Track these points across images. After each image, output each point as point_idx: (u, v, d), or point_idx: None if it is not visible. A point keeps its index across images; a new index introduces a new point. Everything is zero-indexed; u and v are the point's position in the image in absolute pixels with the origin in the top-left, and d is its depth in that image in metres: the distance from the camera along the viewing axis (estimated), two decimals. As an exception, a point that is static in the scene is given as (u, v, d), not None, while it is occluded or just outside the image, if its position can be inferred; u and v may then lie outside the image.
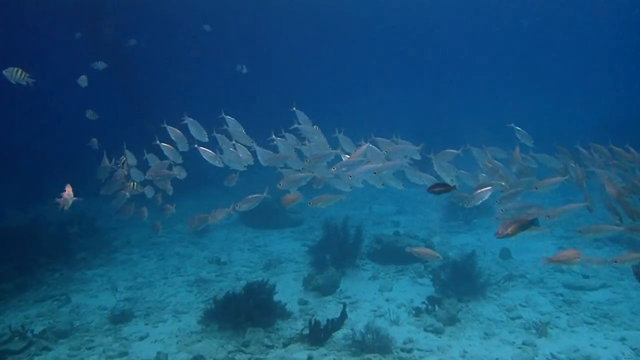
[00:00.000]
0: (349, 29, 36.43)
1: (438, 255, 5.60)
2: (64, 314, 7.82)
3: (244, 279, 8.87)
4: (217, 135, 5.93)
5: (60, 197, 5.15)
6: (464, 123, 24.01)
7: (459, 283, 7.97)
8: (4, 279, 8.78)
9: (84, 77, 8.24)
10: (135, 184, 6.29)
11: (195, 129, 5.91)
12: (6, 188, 16.57)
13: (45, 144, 21.62)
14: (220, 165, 5.93)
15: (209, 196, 14.82)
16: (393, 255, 9.51)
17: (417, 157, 6.05)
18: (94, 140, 7.88)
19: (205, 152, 5.88)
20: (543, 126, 23.99)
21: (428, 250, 5.72)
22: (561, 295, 8.04)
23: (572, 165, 5.91)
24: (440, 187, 5.11)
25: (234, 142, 5.91)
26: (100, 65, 9.96)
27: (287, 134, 5.98)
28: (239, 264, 9.90)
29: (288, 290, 8.31)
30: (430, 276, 8.29)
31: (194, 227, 6.22)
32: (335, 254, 9.13)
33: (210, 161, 5.91)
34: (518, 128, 6.43)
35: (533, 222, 4.81)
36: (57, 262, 9.93)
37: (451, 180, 5.49)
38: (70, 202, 5.22)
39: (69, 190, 5.22)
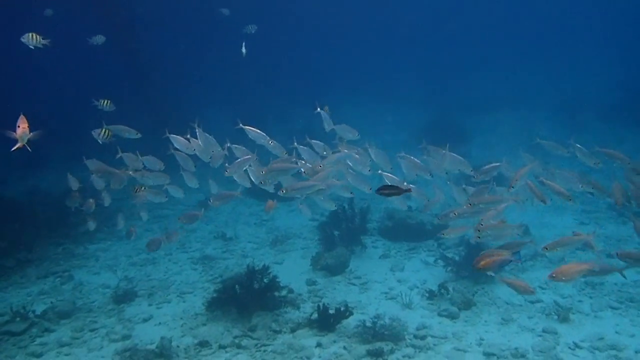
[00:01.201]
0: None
1: (532, 290, 5.03)
2: (67, 292, 7.63)
3: (250, 257, 8.58)
4: (233, 146, 5.41)
5: (15, 131, 4.00)
6: (489, 91, 23.07)
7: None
8: (5, 255, 8.58)
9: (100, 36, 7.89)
10: (141, 188, 5.80)
11: (205, 141, 5.35)
12: (6, 155, 16.26)
13: (48, 110, 21.16)
14: (249, 185, 5.54)
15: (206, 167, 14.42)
16: (405, 232, 9.10)
17: (469, 172, 5.51)
18: (105, 101, 7.19)
19: (236, 172, 5.45)
20: (562, 89, 23.01)
21: (521, 283, 5.12)
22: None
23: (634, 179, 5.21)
24: (391, 190, 4.68)
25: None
26: (99, 39, 9.29)
27: (314, 140, 5.46)
28: (245, 239, 9.59)
29: (296, 269, 8.01)
30: (446, 255, 7.89)
31: (151, 250, 6.76)
32: (344, 230, 8.75)
33: (240, 181, 5.53)
34: (579, 146, 5.70)
35: (513, 258, 4.60)
36: (59, 236, 9.70)
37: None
38: (26, 139, 4.04)
39: (23, 125, 3.98)
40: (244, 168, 5.41)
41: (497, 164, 5.45)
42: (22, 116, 3.77)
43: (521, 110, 20.60)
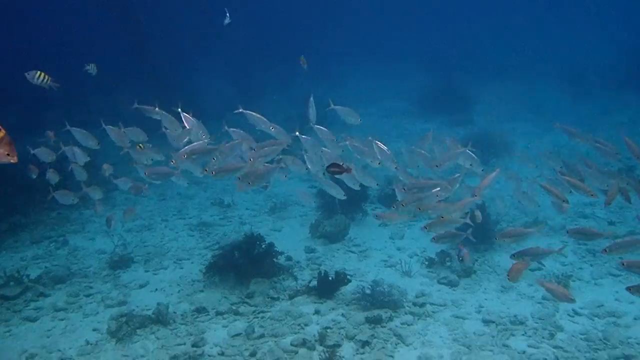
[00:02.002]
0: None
1: (573, 298, 4.75)
2: (61, 257, 7.54)
3: (248, 224, 8.45)
4: (231, 130, 4.99)
5: None
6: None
7: (474, 231, 7.43)
8: (-3, 218, 8.44)
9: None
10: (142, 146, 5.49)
11: (193, 126, 4.88)
12: (3, 117, 15.88)
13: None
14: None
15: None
16: (405, 199, 8.94)
17: (479, 170, 5.12)
18: (92, 65, 6.82)
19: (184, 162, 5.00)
20: (568, 55, 22.40)
21: (561, 289, 4.86)
22: (585, 244, 7.54)
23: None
24: (336, 168, 4.49)
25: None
26: None
27: (318, 127, 5.04)
28: (243, 206, 9.44)
29: (295, 237, 7.91)
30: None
31: (108, 227, 6.69)
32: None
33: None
34: (599, 145, 5.37)
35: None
36: (54, 200, 9.49)
37: None
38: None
39: None
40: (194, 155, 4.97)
41: (459, 151, 5.13)
42: None
43: (526, 76, 20.12)
